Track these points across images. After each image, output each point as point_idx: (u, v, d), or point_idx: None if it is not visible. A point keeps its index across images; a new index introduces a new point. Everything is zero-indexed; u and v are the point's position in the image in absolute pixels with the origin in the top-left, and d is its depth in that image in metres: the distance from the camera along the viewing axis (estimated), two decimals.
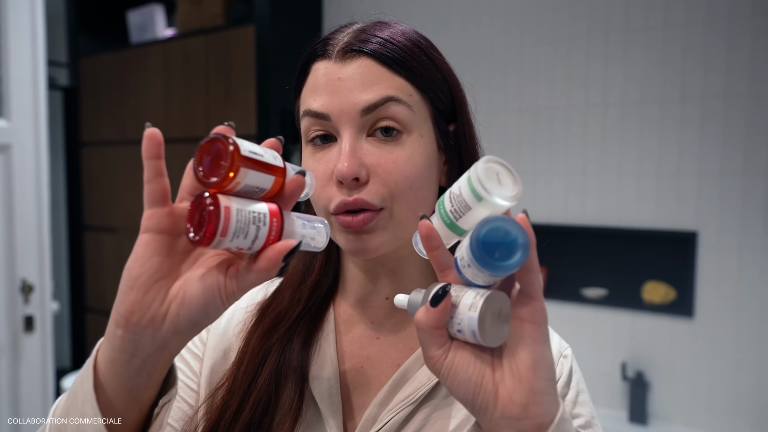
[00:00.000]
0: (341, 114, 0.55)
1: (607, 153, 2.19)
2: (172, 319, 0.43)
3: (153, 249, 0.43)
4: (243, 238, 0.41)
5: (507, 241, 0.40)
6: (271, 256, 0.42)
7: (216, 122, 2.56)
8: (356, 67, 0.56)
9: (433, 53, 0.60)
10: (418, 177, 0.56)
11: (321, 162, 0.57)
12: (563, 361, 0.61)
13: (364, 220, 0.55)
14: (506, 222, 0.41)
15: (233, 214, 0.40)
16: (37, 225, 1.95)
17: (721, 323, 2.00)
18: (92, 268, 3.13)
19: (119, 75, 2.91)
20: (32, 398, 1.95)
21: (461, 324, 0.43)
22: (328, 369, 0.60)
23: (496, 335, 0.43)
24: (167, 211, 0.44)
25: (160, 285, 0.43)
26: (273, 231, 0.43)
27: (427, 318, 0.44)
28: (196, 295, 0.43)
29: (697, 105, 2.03)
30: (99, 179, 3.05)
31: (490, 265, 0.40)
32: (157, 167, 0.45)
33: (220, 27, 2.54)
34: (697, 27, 2.01)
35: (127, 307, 0.43)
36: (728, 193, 1.98)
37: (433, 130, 0.59)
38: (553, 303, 2.27)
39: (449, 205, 0.45)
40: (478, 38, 2.41)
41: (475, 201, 0.43)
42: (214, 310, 0.43)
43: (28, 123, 1.92)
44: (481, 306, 0.42)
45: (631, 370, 2.14)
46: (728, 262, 1.99)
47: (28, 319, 1.93)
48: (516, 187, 0.43)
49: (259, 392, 0.58)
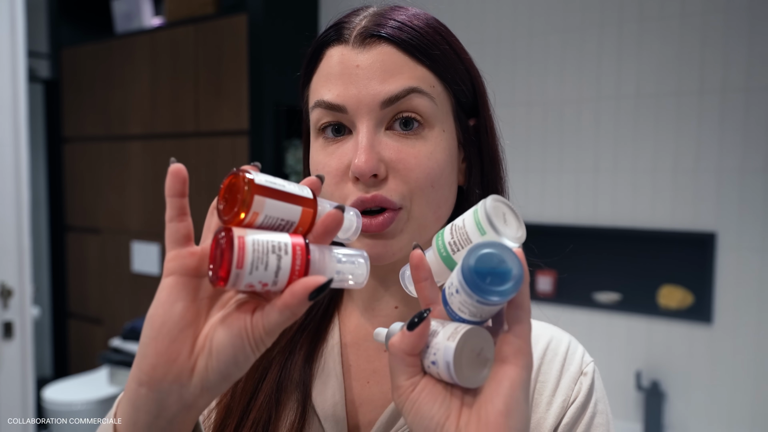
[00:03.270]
0: (359, 105, 0.53)
1: (621, 149, 2.18)
2: (200, 374, 0.41)
3: (178, 293, 0.42)
4: (264, 269, 0.40)
5: (500, 270, 0.40)
6: (296, 291, 0.40)
7: (206, 116, 2.55)
8: (376, 54, 0.54)
9: (454, 41, 0.59)
10: (440, 175, 0.55)
11: (334, 156, 0.55)
12: (582, 380, 0.59)
13: (383, 222, 0.53)
14: (502, 250, 0.41)
15: (248, 242, 0.39)
16: (17, 225, 1.94)
17: (742, 329, 1.99)
18: (75, 271, 3.13)
19: (103, 67, 2.91)
20: (11, 410, 1.94)
21: (437, 354, 0.42)
22: (332, 384, 0.59)
23: (471, 375, 0.42)
24: (191, 251, 0.43)
25: (186, 334, 0.42)
26: (298, 261, 0.41)
27: (402, 342, 0.42)
28: (223, 343, 0.41)
29: (716, 98, 2.02)
30: (82, 177, 3.05)
31: (479, 288, 0.40)
32: (181, 206, 0.43)
33: (211, 16, 2.53)
34: (716, 15, 2.01)
35: (151, 361, 0.41)
36: (749, 191, 1.98)
37: (454, 124, 0.58)
38: (563, 308, 2.27)
39: (449, 236, 0.46)
40: (483, 27, 2.40)
41: (477, 235, 0.43)
42: (243, 359, 0.41)
43: (6, 117, 1.91)
44: (461, 336, 0.41)
45: (646, 380, 2.13)
46: (749, 265, 1.98)
47: (7, 325, 1.92)
48: (521, 230, 0.44)
49: (259, 410, 0.57)
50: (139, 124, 2.78)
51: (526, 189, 2.35)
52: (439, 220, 0.58)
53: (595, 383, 0.59)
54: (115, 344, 2.58)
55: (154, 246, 2.74)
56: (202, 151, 2.56)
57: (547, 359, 0.60)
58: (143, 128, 2.77)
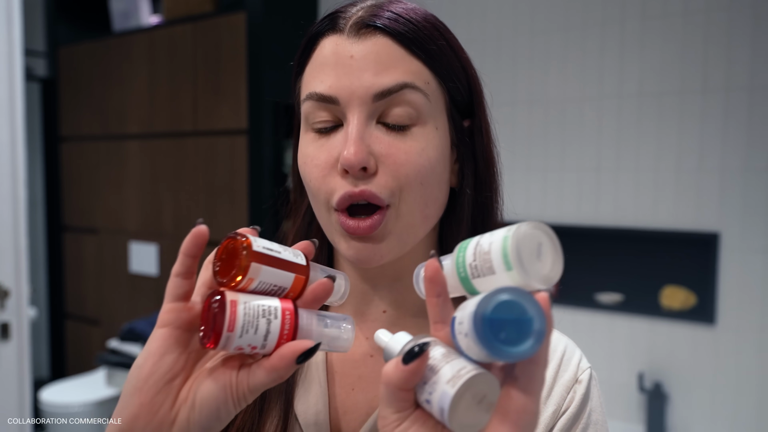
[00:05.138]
0: (351, 97, 0.52)
1: (623, 149, 2.19)
2: (181, 426, 0.42)
3: (169, 345, 0.43)
4: (254, 333, 0.42)
5: (520, 321, 0.36)
6: (285, 354, 0.41)
7: (204, 115, 2.56)
8: (371, 45, 0.53)
9: (452, 38, 0.58)
10: (431, 172, 0.54)
11: (323, 149, 0.55)
12: (576, 388, 0.57)
13: (372, 225, 0.53)
14: (524, 298, 0.36)
15: (240, 307, 0.41)
16: (14, 225, 1.95)
17: (745, 331, 2.00)
18: (72, 272, 3.14)
19: (101, 65, 2.92)
20: (8, 411, 1.95)
21: (432, 395, 0.38)
22: (315, 391, 0.58)
23: (468, 424, 0.38)
24: (188, 306, 0.45)
25: (171, 386, 0.42)
26: (287, 326, 0.43)
27: (395, 374, 0.39)
28: (207, 397, 0.42)
29: (719, 97, 2.03)
30: (79, 176, 3.06)
31: (491, 346, 0.36)
32: (191, 266, 0.44)
33: (209, 14, 2.54)
34: (719, 13, 2.01)
35: (133, 411, 0.41)
36: (753, 191, 1.98)
37: (447, 123, 0.57)
38: (565, 309, 2.27)
39: (471, 257, 0.41)
40: (484, 25, 2.41)
41: (503, 269, 0.39)
42: (225, 413, 0.42)
43: (3, 116, 1.92)
44: (463, 384, 0.37)
45: (649, 381, 2.14)
46: (753, 266, 1.99)
47: (4, 326, 1.93)
48: (556, 268, 0.39)
49: (243, 418, 0.56)
50: (137, 123, 2.79)
51: (528, 188, 2.35)
52: (426, 219, 0.57)
53: (591, 391, 0.57)
54: (112, 345, 2.58)
55: (152, 246, 2.74)
56: (201, 150, 2.57)
57: None
58: (141, 127, 2.78)
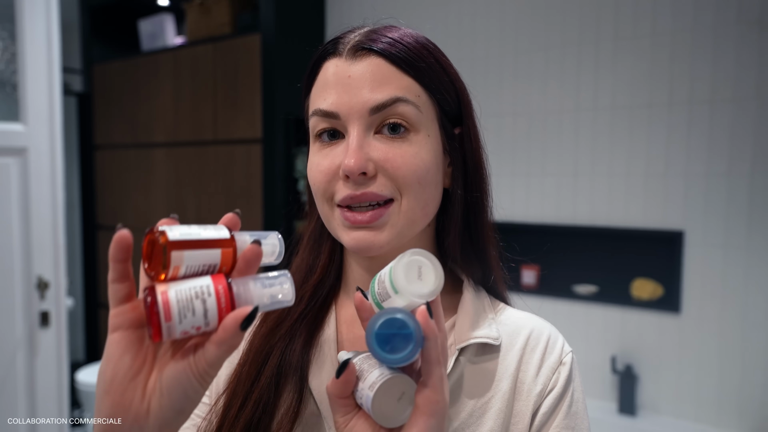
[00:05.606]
0: (350, 112, 0.53)
1: (598, 155, 2.19)
2: (156, 413, 0.41)
3: (125, 346, 0.41)
4: (192, 316, 0.39)
5: (402, 334, 0.41)
6: (227, 325, 0.40)
7: (223, 126, 2.56)
8: (366, 65, 0.54)
9: (441, 57, 0.59)
10: (426, 172, 0.55)
11: (327, 157, 0.55)
12: (561, 369, 0.58)
13: (373, 216, 0.53)
14: (404, 314, 0.41)
15: (172, 296, 0.39)
16: (53, 224, 1.95)
17: (707, 319, 2.00)
18: (105, 266, 3.14)
19: (131, 81, 2.92)
20: (48, 391, 1.95)
21: (362, 399, 0.44)
22: (328, 369, 0.59)
23: (392, 417, 0.43)
24: (132, 305, 0.42)
25: (136, 382, 0.41)
26: (222, 300, 0.40)
27: (331, 387, 0.45)
28: (171, 381, 0.40)
29: (683, 109, 2.03)
30: (111, 181, 3.06)
31: (380, 357, 0.41)
32: (123, 270, 0.42)
33: (228, 35, 2.54)
34: (683, 35, 2.01)
35: (108, 412, 0.40)
36: (713, 193, 1.98)
37: (439, 131, 0.57)
38: (546, 299, 2.27)
39: (377, 287, 0.46)
40: (474, 46, 2.41)
41: (392, 291, 0.44)
42: (193, 392, 0.41)
43: (43, 127, 1.92)
44: (379, 388, 0.43)
45: (621, 364, 2.14)
46: (713, 260, 1.99)
47: (44, 314, 1.93)
48: (435, 283, 0.43)
49: (260, 391, 0.56)
50: (163, 133, 2.79)
51: (512, 191, 2.35)
52: (426, 216, 0.57)
53: (573, 372, 0.59)
54: None
55: None
56: (220, 157, 2.57)
57: (529, 348, 0.59)
58: (167, 137, 2.78)
